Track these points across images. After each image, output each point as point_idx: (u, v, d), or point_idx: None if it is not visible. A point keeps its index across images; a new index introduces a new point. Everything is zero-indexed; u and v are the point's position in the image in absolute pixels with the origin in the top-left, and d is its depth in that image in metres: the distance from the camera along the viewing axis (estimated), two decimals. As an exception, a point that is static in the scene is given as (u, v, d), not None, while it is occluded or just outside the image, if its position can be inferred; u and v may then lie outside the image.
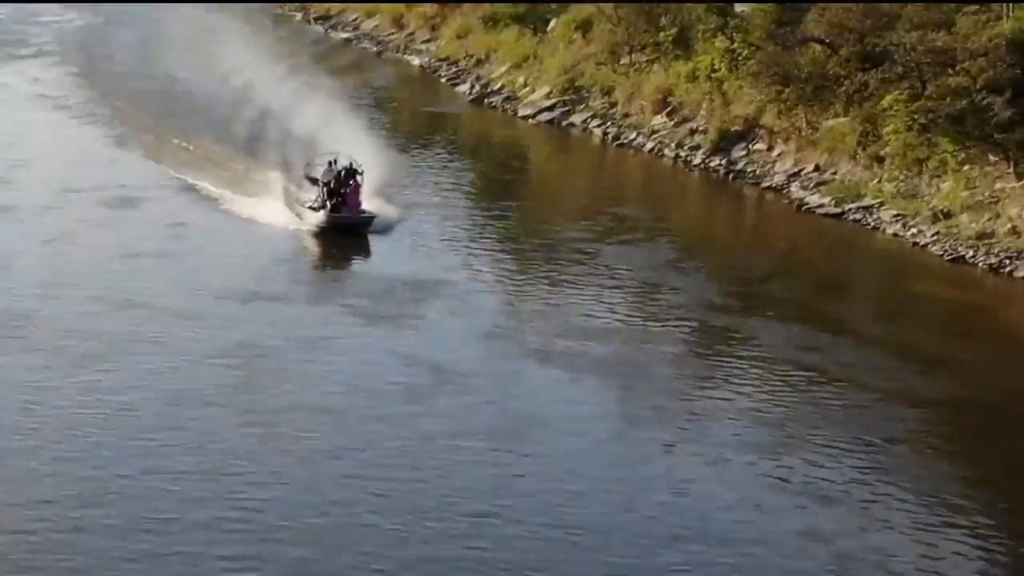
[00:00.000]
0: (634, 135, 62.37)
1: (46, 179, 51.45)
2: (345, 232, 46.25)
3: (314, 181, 47.57)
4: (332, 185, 46.50)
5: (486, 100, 70.58)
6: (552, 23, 72.13)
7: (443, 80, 75.85)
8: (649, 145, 61.07)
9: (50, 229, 45.65)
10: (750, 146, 58.55)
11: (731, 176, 57.11)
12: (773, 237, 50.13)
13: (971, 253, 46.59)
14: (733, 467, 30.65)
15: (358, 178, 46.88)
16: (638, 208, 52.77)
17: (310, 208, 46.94)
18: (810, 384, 35.38)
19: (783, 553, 27.36)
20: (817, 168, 55.28)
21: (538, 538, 27.43)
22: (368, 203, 47.43)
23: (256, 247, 45.24)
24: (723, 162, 58.11)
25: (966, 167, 49.89)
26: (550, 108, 67.02)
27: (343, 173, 46.70)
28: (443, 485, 29.33)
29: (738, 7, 61.48)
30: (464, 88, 72.89)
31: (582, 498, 28.97)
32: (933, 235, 48.29)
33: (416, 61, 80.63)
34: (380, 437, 31.47)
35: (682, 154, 59.59)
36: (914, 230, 49.01)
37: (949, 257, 46.65)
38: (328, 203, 46.47)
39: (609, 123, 64.21)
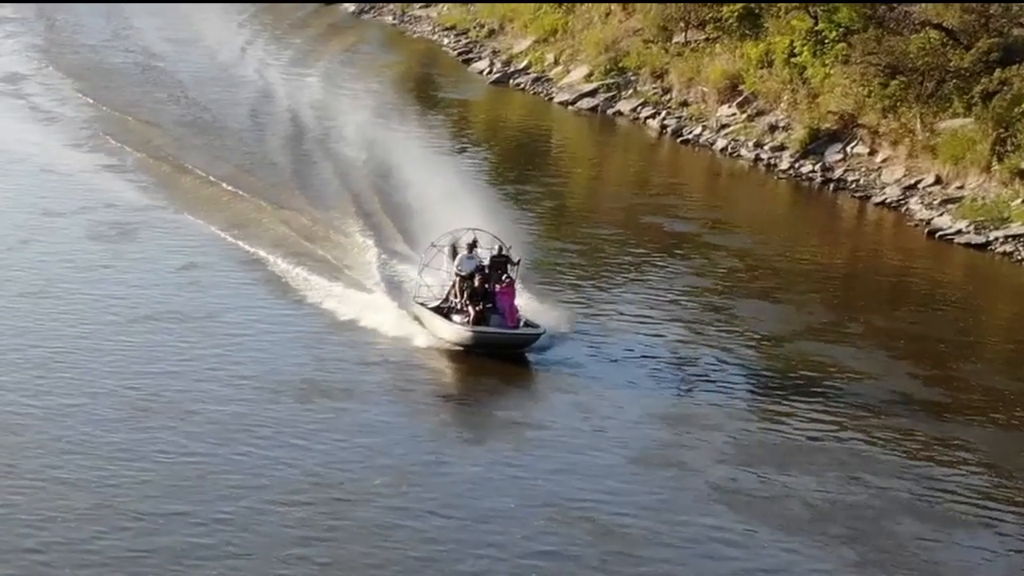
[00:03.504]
0: (699, 129, 50.65)
1: (16, 199, 38.68)
2: (496, 353, 29.47)
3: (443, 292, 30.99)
4: (475, 282, 30.13)
5: (511, 81, 58.48)
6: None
7: (452, 54, 63.53)
8: (721, 143, 49.40)
9: (26, 276, 32.77)
10: (847, 149, 46.92)
11: (829, 185, 45.61)
12: (927, 281, 37.58)
13: None
14: None
15: (511, 270, 30.22)
16: (749, 235, 40.35)
17: (436, 310, 30.41)
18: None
19: None
20: (939, 180, 43.73)
21: None
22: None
23: (319, 329, 30.94)
24: (817, 167, 46.53)
25: None
26: (591, 93, 55.07)
27: (489, 263, 30.36)
28: None
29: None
30: (481, 66, 60.62)
31: None
32: (1116, 278, 37.17)
33: (417, 31, 68.33)
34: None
35: (764, 156, 47.98)
36: (1089, 270, 37.84)
37: None
38: (470, 307, 29.89)
39: (665, 113, 52.44)
